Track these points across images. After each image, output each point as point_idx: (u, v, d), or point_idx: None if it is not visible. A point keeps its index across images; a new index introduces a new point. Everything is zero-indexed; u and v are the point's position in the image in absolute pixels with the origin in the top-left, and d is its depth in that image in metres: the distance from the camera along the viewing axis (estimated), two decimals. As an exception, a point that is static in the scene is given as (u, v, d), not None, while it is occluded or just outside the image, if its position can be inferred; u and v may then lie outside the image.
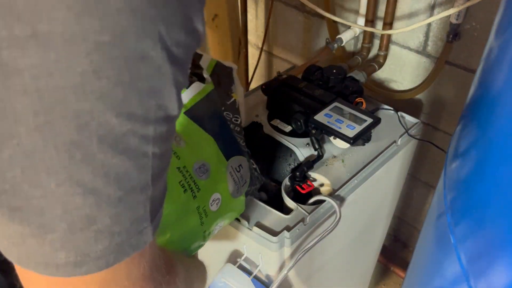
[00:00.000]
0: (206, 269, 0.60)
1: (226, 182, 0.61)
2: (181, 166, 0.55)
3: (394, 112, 0.94)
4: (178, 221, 0.54)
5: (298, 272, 0.81)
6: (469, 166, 0.51)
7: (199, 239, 0.59)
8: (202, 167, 0.58)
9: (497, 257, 0.42)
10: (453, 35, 0.96)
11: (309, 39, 1.32)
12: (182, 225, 0.55)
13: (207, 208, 0.57)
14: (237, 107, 0.68)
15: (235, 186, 0.62)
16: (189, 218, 0.55)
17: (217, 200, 0.59)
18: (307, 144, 0.83)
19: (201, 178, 0.57)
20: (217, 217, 0.60)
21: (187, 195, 0.55)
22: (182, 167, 0.55)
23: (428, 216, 0.68)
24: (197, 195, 0.56)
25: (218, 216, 0.60)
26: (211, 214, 0.58)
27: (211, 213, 0.58)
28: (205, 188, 0.57)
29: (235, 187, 0.62)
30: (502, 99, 0.44)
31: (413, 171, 1.30)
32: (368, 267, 1.27)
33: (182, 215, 0.54)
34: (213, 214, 0.59)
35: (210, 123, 0.61)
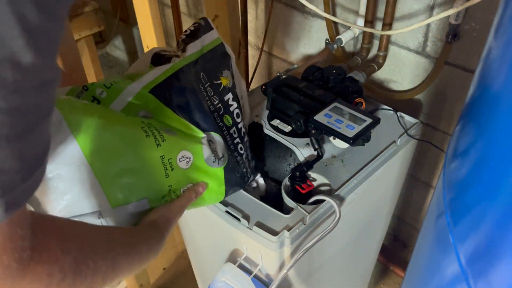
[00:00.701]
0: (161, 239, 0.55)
1: (200, 146, 0.61)
2: (145, 121, 0.57)
3: (393, 112, 0.94)
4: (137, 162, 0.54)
5: (298, 271, 0.81)
6: (468, 166, 0.51)
7: (163, 192, 0.58)
8: (169, 130, 0.59)
9: (496, 256, 0.42)
10: (452, 35, 0.96)
11: (309, 40, 1.32)
12: (143, 166, 0.54)
13: (174, 162, 0.57)
14: (221, 90, 0.69)
15: (210, 154, 0.62)
16: (152, 164, 0.55)
17: (187, 158, 0.59)
18: (307, 144, 0.83)
19: (168, 134, 0.58)
20: (187, 175, 0.60)
21: (150, 141, 0.55)
22: (147, 123, 0.57)
23: (427, 216, 0.68)
24: (161, 144, 0.56)
25: (188, 175, 0.60)
26: (179, 170, 0.58)
27: (179, 169, 0.58)
28: (171, 142, 0.58)
29: (210, 155, 0.62)
30: (502, 99, 0.44)
31: (412, 171, 1.30)
32: (368, 266, 1.27)
33: (143, 157, 0.54)
34: (182, 171, 0.59)
35: (177, 99, 0.62)
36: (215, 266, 0.85)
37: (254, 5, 1.40)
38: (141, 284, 1.37)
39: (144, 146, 0.55)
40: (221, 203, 0.75)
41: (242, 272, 0.76)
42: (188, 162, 0.59)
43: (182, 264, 1.57)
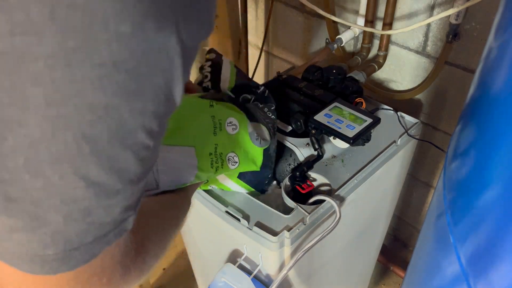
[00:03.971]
0: (189, 206, 0.60)
1: (246, 121, 0.65)
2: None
3: (393, 112, 0.94)
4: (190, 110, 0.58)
5: (298, 271, 0.81)
6: (468, 166, 0.51)
7: (210, 148, 0.60)
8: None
9: (496, 256, 0.42)
10: (453, 35, 0.96)
11: (309, 39, 1.32)
12: (195, 118, 0.59)
13: (223, 124, 0.61)
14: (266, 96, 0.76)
15: (254, 132, 0.66)
16: (203, 117, 0.60)
17: (234, 126, 0.63)
18: (307, 144, 0.83)
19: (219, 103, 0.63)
20: (231, 142, 0.63)
21: (204, 101, 0.61)
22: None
23: (427, 216, 0.68)
24: (214, 105, 0.61)
25: (233, 142, 0.63)
26: (225, 133, 0.62)
27: (225, 133, 0.62)
28: (222, 107, 0.62)
29: (254, 133, 0.66)
30: (502, 99, 0.44)
31: (412, 171, 1.30)
32: (368, 266, 1.27)
33: (196, 109, 0.59)
34: (228, 135, 0.62)
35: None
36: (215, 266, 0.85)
37: (254, 5, 1.40)
38: (141, 284, 1.37)
39: (199, 103, 0.60)
40: (221, 203, 0.75)
41: (242, 272, 0.76)
42: (234, 129, 0.63)
43: (182, 264, 1.57)
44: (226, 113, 0.63)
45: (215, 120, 0.61)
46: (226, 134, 0.62)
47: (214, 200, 0.76)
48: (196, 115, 0.59)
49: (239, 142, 0.65)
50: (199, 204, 0.80)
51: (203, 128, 0.60)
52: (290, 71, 1.06)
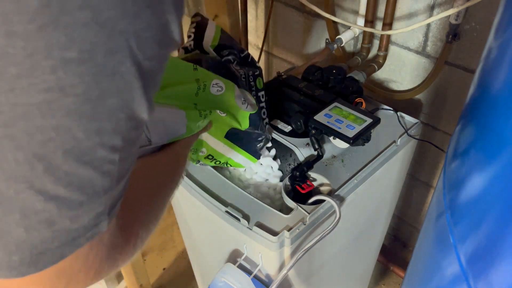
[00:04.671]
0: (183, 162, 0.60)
1: (234, 85, 0.64)
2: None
3: (393, 112, 0.94)
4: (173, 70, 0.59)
5: (298, 271, 0.81)
6: (468, 166, 0.51)
7: (190, 108, 0.61)
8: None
9: (496, 256, 0.42)
10: (453, 35, 0.96)
11: (309, 40, 1.32)
12: (177, 80, 0.59)
13: (208, 85, 0.61)
14: (249, 61, 0.75)
15: (240, 96, 0.66)
16: (186, 80, 0.60)
17: (220, 88, 0.62)
18: (307, 144, 0.83)
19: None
20: (215, 102, 0.63)
21: (188, 64, 0.61)
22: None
23: (427, 216, 0.68)
24: (198, 68, 0.61)
25: (216, 102, 0.63)
26: (209, 93, 0.62)
27: (209, 93, 0.62)
28: (207, 72, 0.62)
29: (240, 96, 0.66)
30: (502, 99, 0.44)
31: (412, 171, 1.30)
32: (368, 266, 1.27)
33: (179, 70, 0.59)
34: (213, 96, 0.62)
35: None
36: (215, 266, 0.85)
37: (254, 5, 1.40)
38: (141, 284, 1.37)
39: (182, 65, 0.60)
40: (221, 203, 0.75)
41: (242, 272, 0.76)
42: (219, 91, 0.63)
43: (182, 264, 1.57)
44: (212, 76, 0.63)
45: (199, 82, 0.61)
46: (209, 94, 0.62)
47: (214, 200, 0.76)
48: (179, 75, 0.60)
49: (223, 102, 0.65)
50: (199, 204, 0.80)
51: (186, 89, 0.60)
52: (290, 71, 1.06)
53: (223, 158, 0.74)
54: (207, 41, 0.71)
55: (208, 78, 0.62)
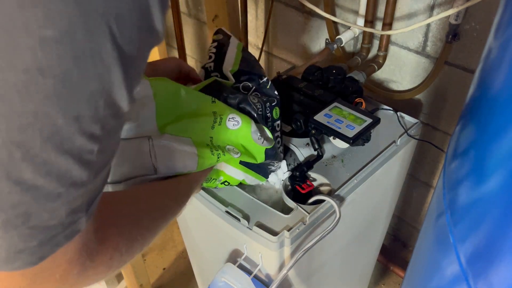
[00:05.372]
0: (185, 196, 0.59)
1: (250, 120, 0.64)
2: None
3: (393, 112, 0.94)
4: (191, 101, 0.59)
5: (298, 271, 0.81)
6: (468, 166, 0.51)
7: (206, 140, 0.61)
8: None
9: (496, 256, 0.42)
10: (453, 35, 0.97)
11: (309, 40, 1.32)
12: (194, 111, 0.60)
13: (224, 120, 0.61)
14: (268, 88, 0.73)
15: (257, 131, 0.65)
16: (203, 112, 0.60)
17: (236, 122, 0.62)
18: (307, 144, 0.83)
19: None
20: (230, 137, 0.63)
21: (207, 97, 0.62)
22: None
23: (427, 216, 0.68)
24: (216, 102, 0.62)
25: (232, 137, 0.64)
26: (225, 128, 0.62)
27: (225, 127, 0.62)
28: (224, 106, 0.63)
29: (257, 132, 0.65)
30: (502, 99, 0.44)
31: (412, 171, 1.30)
32: (368, 266, 1.27)
33: (197, 103, 0.60)
34: (227, 130, 0.62)
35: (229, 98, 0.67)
36: (215, 266, 0.85)
37: (254, 5, 1.40)
38: (141, 284, 1.37)
39: (201, 98, 0.61)
40: (221, 203, 0.75)
41: (242, 272, 0.76)
42: (235, 125, 0.63)
43: (182, 264, 1.57)
44: (228, 110, 0.63)
45: (216, 115, 0.61)
46: (225, 128, 0.62)
47: (214, 200, 0.76)
48: (196, 109, 0.60)
49: (239, 137, 0.64)
50: (199, 204, 0.80)
51: (201, 122, 0.60)
52: (290, 71, 1.06)
53: (237, 181, 0.74)
54: (227, 65, 0.71)
55: (224, 112, 0.62)
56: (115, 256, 0.38)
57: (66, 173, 0.27)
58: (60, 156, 0.26)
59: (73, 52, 0.24)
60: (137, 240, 0.43)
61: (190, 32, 1.73)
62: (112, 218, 0.40)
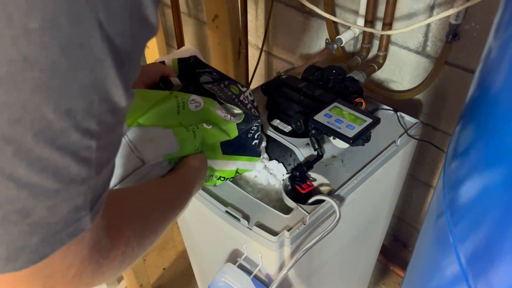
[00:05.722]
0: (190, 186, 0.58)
1: (213, 101, 0.65)
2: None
3: (393, 112, 0.94)
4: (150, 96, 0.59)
5: (298, 271, 0.81)
6: (468, 166, 0.51)
7: (176, 125, 0.61)
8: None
9: (496, 256, 0.42)
10: (453, 35, 0.97)
11: (309, 40, 1.32)
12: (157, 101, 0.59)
13: (186, 103, 0.62)
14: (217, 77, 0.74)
15: (221, 108, 0.66)
16: (166, 98, 0.60)
17: (198, 103, 0.63)
18: (307, 144, 0.83)
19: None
20: (198, 118, 0.64)
21: (165, 92, 0.61)
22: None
23: (427, 216, 0.68)
24: (173, 92, 0.62)
25: (200, 118, 0.64)
26: (188, 111, 0.62)
27: (188, 110, 0.62)
28: (182, 93, 0.63)
29: (221, 108, 0.66)
30: (502, 99, 0.44)
31: (412, 171, 1.30)
32: (368, 266, 1.27)
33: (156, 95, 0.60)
34: (191, 112, 0.63)
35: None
36: (215, 266, 0.85)
37: (254, 5, 1.40)
38: (141, 284, 1.37)
39: (157, 92, 0.61)
40: (221, 203, 0.75)
41: (242, 272, 0.76)
42: (198, 106, 0.63)
43: (182, 264, 1.57)
44: (188, 94, 0.63)
45: (178, 99, 0.61)
46: (189, 111, 0.62)
47: (214, 200, 0.76)
48: (159, 99, 0.60)
49: (206, 117, 0.65)
50: (199, 204, 0.80)
51: (167, 108, 0.60)
52: (290, 71, 1.06)
53: (231, 173, 0.74)
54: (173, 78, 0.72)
55: (185, 96, 0.62)
56: (128, 251, 0.38)
57: (63, 169, 0.26)
58: (55, 152, 0.25)
59: (60, 41, 0.23)
60: (148, 234, 0.43)
61: (190, 32, 1.73)
62: (122, 213, 0.40)
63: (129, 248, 0.38)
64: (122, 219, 0.39)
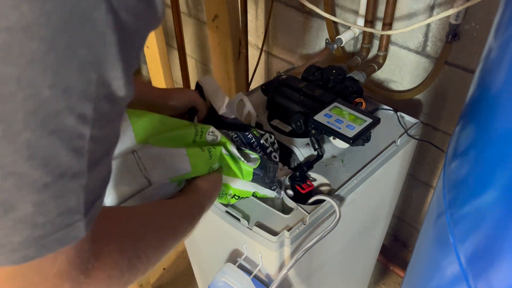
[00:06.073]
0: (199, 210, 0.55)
1: (229, 142, 0.63)
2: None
3: (393, 112, 0.94)
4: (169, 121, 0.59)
5: (298, 271, 0.81)
6: (468, 166, 0.51)
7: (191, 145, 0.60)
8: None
9: (496, 256, 0.42)
10: (453, 35, 0.97)
11: (309, 40, 1.32)
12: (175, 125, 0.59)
13: (204, 134, 0.61)
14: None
15: (237, 152, 0.63)
16: (184, 126, 0.60)
17: (215, 137, 0.62)
18: (307, 144, 0.83)
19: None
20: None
21: (186, 121, 0.62)
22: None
23: (427, 216, 0.68)
24: (194, 123, 0.62)
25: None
26: (205, 141, 0.61)
27: (205, 141, 0.61)
28: (202, 124, 0.63)
29: (236, 152, 0.63)
30: (502, 99, 0.44)
31: (412, 171, 1.30)
32: (368, 266, 1.27)
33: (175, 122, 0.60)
34: (207, 143, 0.61)
35: None
36: (215, 266, 0.85)
37: (254, 5, 1.40)
38: (141, 284, 1.37)
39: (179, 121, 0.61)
40: (221, 203, 0.75)
41: (242, 272, 0.76)
42: (214, 140, 0.62)
43: (182, 264, 1.57)
44: (208, 126, 0.62)
45: (196, 128, 0.60)
46: (205, 141, 0.61)
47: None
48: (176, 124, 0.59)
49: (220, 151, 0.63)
50: (199, 204, 0.80)
51: (184, 134, 0.59)
52: (290, 71, 1.06)
53: (248, 193, 0.71)
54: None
55: (204, 127, 0.61)
56: (115, 274, 0.35)
57: (53, 158, 0.24)
58: (46, 136, 0.23)
59: (63, 11, 0.22)
60: (141, 260, 0.39)
61: (190, 32, 1.73)
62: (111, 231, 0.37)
63: (117, 272, 0.35)
64: (111, 238, 0.36)
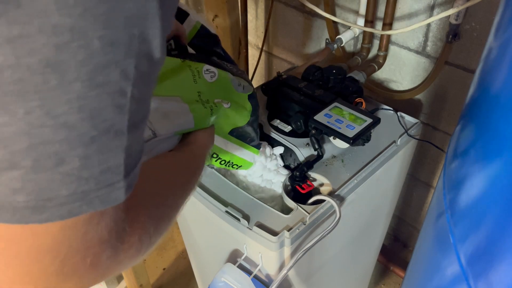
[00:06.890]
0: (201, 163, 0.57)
1: (225, 71, 0.63)
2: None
3: (393, 112, 0.94)
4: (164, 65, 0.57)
5: (298, 271, 0.81)
6: (468, 166, 0.51)
7: (194, 96, 0.59)
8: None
9: (496, 256, 0.42)
10: (453, 35, 0.96)
11: (309, 40, 1.32)
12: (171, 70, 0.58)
13: (201, 72, 0.60)
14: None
15: (235, 79, 0.64)
16: (180, 67, 0.58)
17: (212, 73, 0.61)
18: (307, 144, 0.83)
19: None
20: (213, 89, 0.62)
21: (176, 59, 0.59)
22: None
23: (427, 216, 0.68)
24: (185, 61, 0.60)
25: (214, 90, 0.62)
26: (204, 81, 0.60)
27: (204, 81, 0.60)
28: (193, 62, 0.61)
29: (235, 79, 0.64)
30: (502, 99, 0.44)
31: (412, 171, 1.30)
32: (368, 266, 1.27)
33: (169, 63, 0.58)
34: (207, 83, 0.61)
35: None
36: (215, 266, 0.85)
37: (254, 5, 1.40)
38: (141, 284, 1.37)
39: (169, 59, 0.58)
40: (221, 203, 0.75)
41: (242, 272, 0.76)
42: (213, 77, 0.61)
43: (182, 264, 1.57)
44: (201, 64, 0.61)
45: (192, 68, 0.59)
46: (205, 81, 0.60)
47: (214, 200, 0.76)
48: (171, 68, 0.58)
49: (221, 89, 0.63)
50: (199, 204, 0.80)
51: (183, 78, 0.59)
52: (290, 71, 1.06)
53: (227, 156, 0.72)
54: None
55: (198, 65, 0.60)
56: (144, 237, 0.36)
57: (99, 112, 0.25)
58: (94, 89, 0.24)
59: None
60: (164, 220, 0.41)
61: (190, 32, 1.73)
62: (139, 196, 0.38)
63: (146, 234, 0.37)
64: (140, 202, 0.37)
